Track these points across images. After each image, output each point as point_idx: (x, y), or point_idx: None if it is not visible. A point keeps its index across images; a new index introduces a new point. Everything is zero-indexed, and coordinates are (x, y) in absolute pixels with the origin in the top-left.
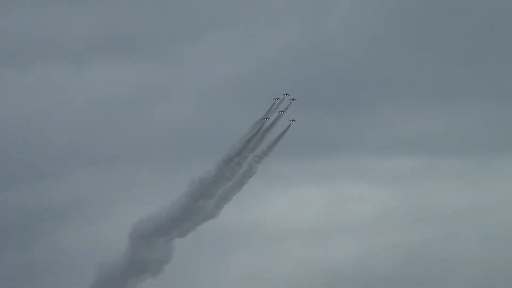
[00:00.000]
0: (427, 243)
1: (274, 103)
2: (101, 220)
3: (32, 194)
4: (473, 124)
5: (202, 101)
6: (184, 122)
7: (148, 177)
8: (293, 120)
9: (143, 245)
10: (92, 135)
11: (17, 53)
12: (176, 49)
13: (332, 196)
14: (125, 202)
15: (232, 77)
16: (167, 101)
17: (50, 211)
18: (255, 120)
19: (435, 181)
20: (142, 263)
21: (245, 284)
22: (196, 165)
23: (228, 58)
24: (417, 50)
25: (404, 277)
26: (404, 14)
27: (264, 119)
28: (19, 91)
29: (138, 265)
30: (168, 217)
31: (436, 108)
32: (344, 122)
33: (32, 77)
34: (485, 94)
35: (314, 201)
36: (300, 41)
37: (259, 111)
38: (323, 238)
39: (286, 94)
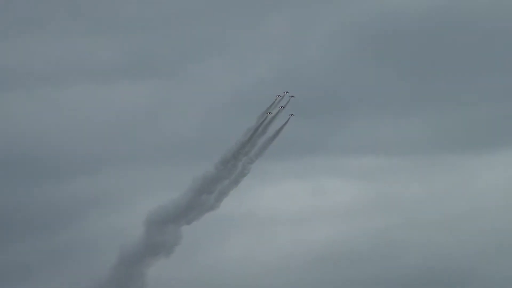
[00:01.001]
0: (390, 228)
1: (275, 99)
2: (122, 210)
3: (67, 189)
4: (425, 130)
5: (205, 113)
6: (190, 131)
7: (160, 175)
8: (291, 115)
9: (156, 231)
10: (115, 142)
11: (53, 74)
12: (183, 70)
13: (313, 189)
14: (141, 196)
15: (231, 93)
16: (176, 113)
17: (81, 203)
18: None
19: (397, 176)
20: (156, 246)
21: (241, 262)
22: (199, 166)
23: (227, 77)
24: (383, 70)
25: (371, 255)
26: (365, 42)
27: (267, 113)
28: (55, 106)
29: (153, 247)
30: (176, 208)
31: (398, 116)
32: (323, 127)
33: (66, 94)
34: (433, 105)
35: (298, 193)
36: (285, 62)
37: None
38: (306, 224)
39: (286, 92)
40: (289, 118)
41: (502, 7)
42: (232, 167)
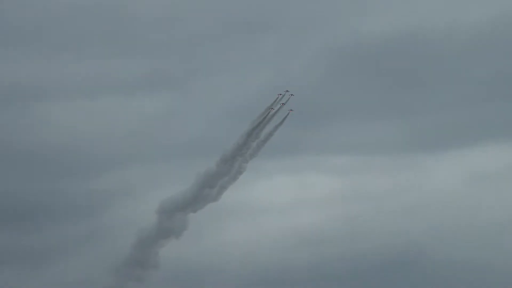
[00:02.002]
0: (362, 214)
1: (277, 97)
2: (139, 200)
3: (96, 182)
4: (390, 134)
5: (208, 120)
6: (196, 134)
7: (170, 171)
8: (291, 110)
9: (167, 218)
10: (135, 143)
11: (87, 88)
12: (191, 84)
13: (298, 183)
14: (155, 188)
15: (230, 103)
16: (185, 120)
17: (107, 194)
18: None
19: (368, 172)
20: (167, 230)
21: (238, 243)
22: (203, 164)
23: (227, 90)
24: (357, 84)
25: (345, 237)
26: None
27: (270, 109)
28: (88, 114)
29: (164, 231)
30: (183, 199)
31: (368, 122)
32: (307, 131)
33: (97, 104)
34: (397, 113)
35: (285, 186)
36: (276, 78)
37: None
38: (292, 212)
39: (287, 91)
40: (288, 113)
41: (450, 32)
42: (230, 165)
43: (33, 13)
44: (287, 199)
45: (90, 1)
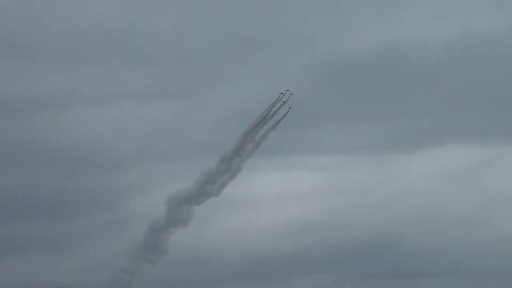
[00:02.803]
0: (343, 206)
1: (278, 96)
2: (150, 194)
3: (114, 178)
4: (369, 136)
5: (211, 125)
6: (199, 138)
7: (177, 169)
8: (290, 108)
9: (175, 209)
10: (147, 145)
11: (103, 96)
12: (196, 94)
13: (289, 179)
14: (164, 184)
15: (230, 111)
16: (190, 125)
17: (122, 189)
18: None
19: (349, 169)
20: (175, 220)
21: (236, 231)
22: (205, 163)
23: (227, 99)
24: (341, 92)
25: (329, 226)
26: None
27: (271, 107)
28: (104, 119)
29: (173, 221)
30: (189, 194)
31: (350, 126)
32: (296, 134)
33: (112, 110)
34: (375, 118)
35: (277, 182)
36: (269, 89)
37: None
38: (283, 204)
39: (287, 90)
40: (288, 111)
41: (422, 48)
42: (229, 165)
43: (60, 32)
44: (278, 193)
45: (112, 24)
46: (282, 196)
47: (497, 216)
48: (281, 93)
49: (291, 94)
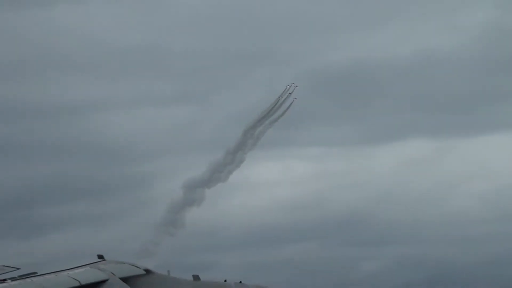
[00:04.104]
0: (327, 189)
1: (286, 88)
2: (170, 180)
3: (140, 168)
4: (351, 132)
5: (220, 127)
6: (209, 135)
7: (192, 161)
8: (295, 98)
9: (189, 192)
10: (166, 142)
11: (135, 101)
12: (208, 99)
13: (283, 167)
14: (181, 172)
15: (235, 113)
16: (201, 125)
17: (147, 177)
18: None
19: (333, 160)
20: (190, 200)
21: (240, 210)
22: (214, 155)
23: (233, 104)
24: (328, 98)
25: (315, 205)
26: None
27: (279, 97)
28: (129, 122)
29: (188, 201)
30: (201, 179)
31: (335, 125)
32: (290, 130)
33: (135, 115)
34: (355, 118)
35: (274, 169)
36: (266, 96)
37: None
38: (279, 188)
39: (293, 83)
40: (293, 101)
41: (389, 63)
42: (233, 156)
43: (99, 49)
44: (274, 179)
45: (139, 43)
46: (277, 181)
47: (447, 194)
48: (288, 86)
49: (296, 86)
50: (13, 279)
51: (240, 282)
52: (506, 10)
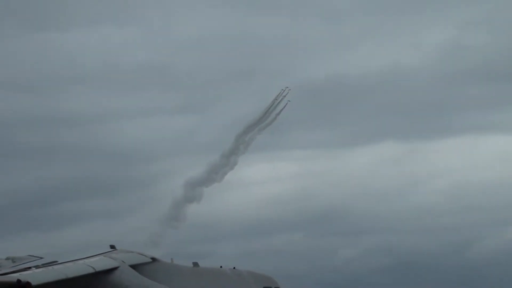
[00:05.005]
0: (311, 186)
1: (280, 92)
2: (173, 180)
3: (151, 168)
4: (331, 136)
5: (217, 133)
6: (208, 140)
7: (191, 163)
8: (288, 101)
9: (190, 190)
10: (172, 145)
11: (143, 110)
12: (209, 108)
13: (272, 168)
14: (182, 172)
15: (233, 120)
16: (202, 132)
17: (152, 177)
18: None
19: (316, 160)
20: (191, 198)
21: (234, 206)
22: (211, 158)
23: (231, 111)
24: (316, 108)
25: (301, 199)
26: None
27: (275, 100)
28: (146, 128)
29: (189, 198)
30: (200, 179)
31: (320, 131)
32: (279, 135)
33: (147, 124)
34: (336, 125)
35: (264, 170)
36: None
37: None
38: (269, 185)
39: (287, 87)
40: (286, 104)
41: (363, 75)
42: (228, 159)
43: (115, 66)
44: (264, 178)
45: (148, 61)
46: (267, 179)
47: (415, 190)
48: (282, 90)
49: (289, 89)
50: (37, 267)
51: (234, 268)
52: (462, 30)
